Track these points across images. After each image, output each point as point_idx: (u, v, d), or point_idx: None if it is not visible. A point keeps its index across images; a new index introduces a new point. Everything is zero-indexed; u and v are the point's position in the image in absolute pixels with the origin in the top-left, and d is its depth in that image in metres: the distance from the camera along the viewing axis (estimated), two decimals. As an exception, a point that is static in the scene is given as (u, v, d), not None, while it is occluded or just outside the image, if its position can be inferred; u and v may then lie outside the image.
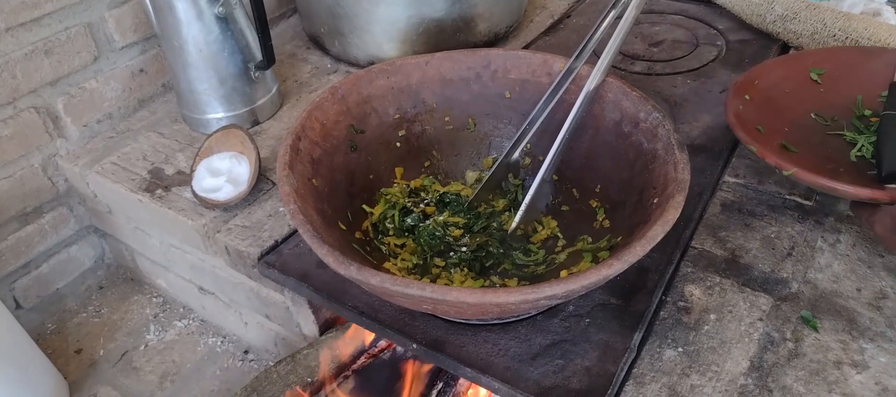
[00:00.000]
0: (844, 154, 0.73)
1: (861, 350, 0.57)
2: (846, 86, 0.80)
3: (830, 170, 0.69)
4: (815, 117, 0.78)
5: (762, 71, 0.79)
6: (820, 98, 0.79)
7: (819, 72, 0.80)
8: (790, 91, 0.79)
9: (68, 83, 0.92)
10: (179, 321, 1.01)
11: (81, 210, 1.01)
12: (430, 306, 0.53)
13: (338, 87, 0.73)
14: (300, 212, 0.57)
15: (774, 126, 0.74)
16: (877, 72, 0.79)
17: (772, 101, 0.77)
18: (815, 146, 0.73)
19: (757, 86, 0.77)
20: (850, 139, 0.74)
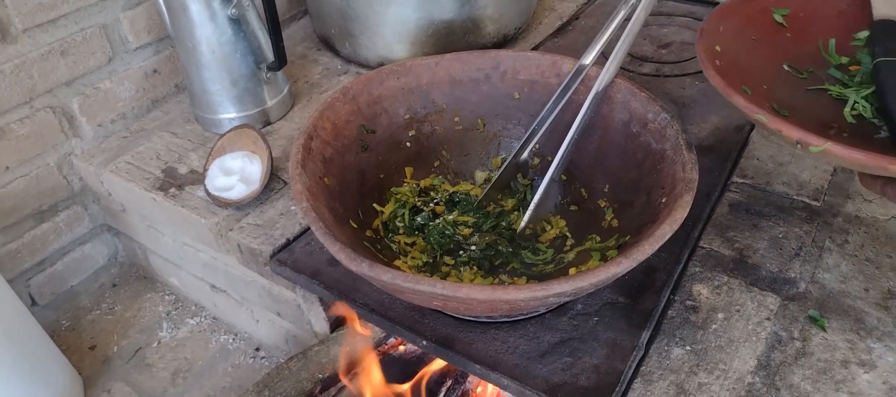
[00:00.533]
0: (837, 114, 0.65)
1: (869, 349, 0.58)
2: (815, 28, 0.72)
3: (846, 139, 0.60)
4: (789, 69, 0.69)
5: (724, 13, 0.70)
6: (789, 45, 0.71)
7: (783, 12, 0.71)
8: (756, 39, 0.70)
9: (83, 83, 0.93)
10: (191, 318, 1.02)
11: (95, 208, 1.02)
12: (440, 302, 0.54)
13: (349, 88, 0.74)
14: (313, 209, 0.58)
15: (753, 84, 0.65)
16: (845, 9, 0.72)
17: (741, 54, 0.69)
18: (802, 106, 0.66)
19: (723, 34, 0.68)
20: (836, 95, 0.67)
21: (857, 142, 0.56)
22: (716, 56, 0.64)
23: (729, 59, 0.65)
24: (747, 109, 0.55)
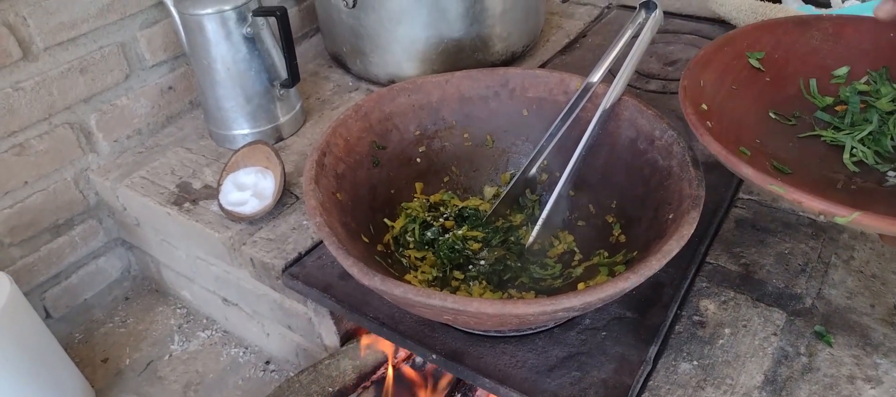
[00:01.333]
0: (837, 161, 0.63)
1: (875, 365, 0.58)
2: (792, 68, 0.70)
3: (858, 193, 0.58)
4: (776, 117, 0.67)
5: (701, 65, 0.67)
6: (770, 90, 0.69)
7: (758, 55, 0.69)
8: (737, 88, 0.68)
9: (101, 100, 0.95)
10: (203, 332, 1.03)
11: (110, 222, 1.04)
12: (450, 317, 0.55)
13: (361, 105, 0.75)
14: (326, 224, 0.60)
15: (746, 140, 0.63)
16: (818, 46, 0.70)
17: (727, 107, 0.66)
18: (799, 158, 0.63)
19: (704, 88, 0.65)
20: (831, 140, 0.65)
21: (869, 195, 0.56)
22: (705, 116, 0.62)
23: (717, 116, 0.63)
24: (760, 181, 0.51)
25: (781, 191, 0.49)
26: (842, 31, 0.70)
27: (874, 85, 0.67)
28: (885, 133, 0.63)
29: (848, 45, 0.69)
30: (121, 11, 0.93)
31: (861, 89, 0.68)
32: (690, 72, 0.65)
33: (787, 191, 0.49)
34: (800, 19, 0.71)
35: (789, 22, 0.71)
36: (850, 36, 0.69)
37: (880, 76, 0.67)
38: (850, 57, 0.69)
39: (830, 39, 0.70)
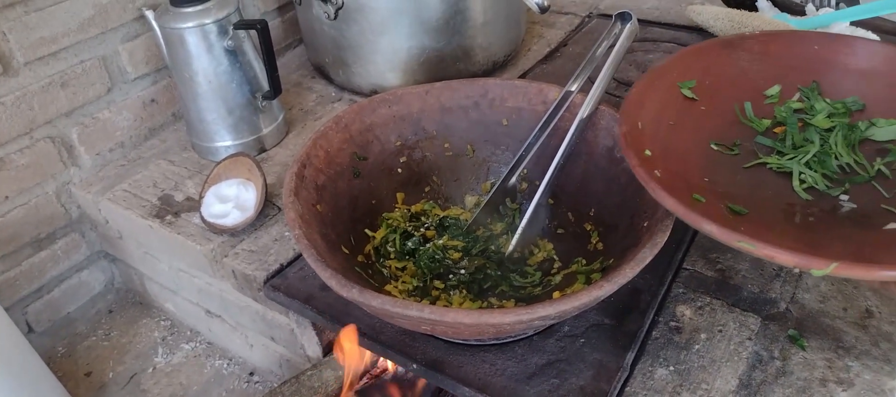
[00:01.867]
0: (788, 191, 0.60)
1: (847, 367, 0.59)
2: (725, 93, 0.68)
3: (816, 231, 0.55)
4: (718, 148, 0.64)
5: (635, 103, 0.63)
6: (708, 120, 0.66)
7: (689, 84, 0.66)
8: (675, 123, 0.64)
9: (82, 113, 0.95)
10: (187, 344, 1.03)
11: (93, 236, 1.03)
12: (429, 327, 0.56)
13: (341, 117, 0.76)
14: (305, 236, 0.60)
15: (694, 181, 0.59)
16: (746, 66, 0.68)
17: (670, 148, 0.61)
18: (750, 193, 0.60)
19: (644, 131, 0.61)
20: (777, 167, 0.62)
21: (831, 228, 0.54)
22: (650, 163, 0.57)
23: (662, 160, 0.59)
24: (727, 238, 0.48)
25: (752, 248, 0.47)
26: (767, 49, 0.68)
27: (808, 101, 0.66)
28: (829, 152, 0.62)
29: (775, 62, 0.68)
30: (102, 25, 0.93)
31: (796, 107, 0.66)
32: (626, 115, 0.62)
33: (758, 248, 0.47)
34: (725, 41, 0.69)
35: (715, 45, 0.69)
36: (776, 53, 0.68)
37: (812, 92, 0.67)
38: (779, 75, 0.68)
39: (757, 59, 0.68)
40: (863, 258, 0.45)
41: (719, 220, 0.49)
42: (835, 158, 0.62)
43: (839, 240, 0.53)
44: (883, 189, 0.58)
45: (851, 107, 0.64)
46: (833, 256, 0.45)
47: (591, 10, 1.25)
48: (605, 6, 1.26)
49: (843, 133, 0.63)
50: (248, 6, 1.13)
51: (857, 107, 0.64)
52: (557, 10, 1.27)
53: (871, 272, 0.43)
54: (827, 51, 0.67)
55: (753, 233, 0.49)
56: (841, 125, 0.63)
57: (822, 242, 0.51)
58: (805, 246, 0.48)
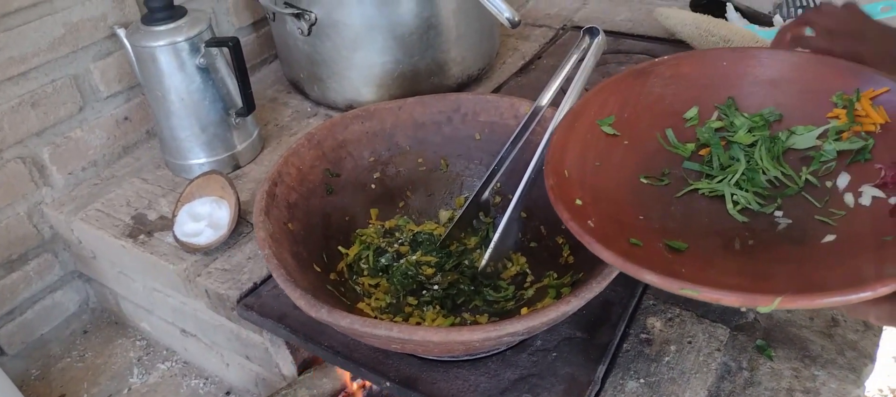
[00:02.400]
0: (723, 216, 0.59)
1: (813, 377, 0.60)
2: (645, 123, 0.66)
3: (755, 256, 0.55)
4: (647, 181, 0.63)
5: (560, 153, 0.61)
6: (633, 154, 0.64)
7: (608, 121, 0.65)
8: (601, 164, 0.62)
9: (54, 133, 0.94)
10: (162, 363, 1.02)
11: (66, 256, 1.02)
12: (398, 345, 0.56)
13: (314, 134, 0.76)
14: (274, 256, 0.60)
15: (630, 224, 0.58)
16: (662, 92, 0.67)
17: (600, 192, 0.59)
18: (687, 225, 0.59)
19: (571, 179, 0.59)
20: (709, 192, 0.61)
21: (770, 249, 0.54)
22: (582, 214, 0.55)
23: (594, 207, 0.57)
24: (669, 286, 0.46)
25: (695, 293, 0.45)
26: (679, 72, 0.67)
27: (727, 118, 0.65)
28: (756, 168, 0.62)
29: (689, 84, 0.67)
30: (73, 44, 0.92)
31: (717, 126, 0.65)
32: (551, 165, 0.60)
33: (701, 293, 0.45)
34: (637, 70, 0.68)
35: (627, 76, 0.67)
36: (687, 74, 0.67)
37: (729, 108, 0.65)
38: (695, 95, 0.67)
39: (671, 82, 0.67)
40: (805, 286, 0.45)
41: (659, 266, 0.48)
42: (762, 173, 0.62)
43: (780, 262, 0.52)
44: (813, 199, 0.58)
45: (769, 119, 0.64)
46: (777, 286, 0.46)
47: (565, 22, 1.26)
48: (579, 18, 1.27)
49: (766, 146, 0.62)
50: (223, 22, 1.13)
51: (774, 117, 0.64)
52: (532, 22, 1.28)
53: (814, 301, 0.43)
54: (736, 65, 0.66)
55: (695, 271, 0.49)
56: (762, 138, 0.63)
57: (764, 270, 0.51)
58: (748, 279, 0.48)
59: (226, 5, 1.12)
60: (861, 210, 0.55)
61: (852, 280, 0.44)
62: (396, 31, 0.96)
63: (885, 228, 0.49)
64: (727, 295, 0.44)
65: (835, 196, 0.58)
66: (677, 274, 0.48)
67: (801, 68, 0.64)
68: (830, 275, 0.47)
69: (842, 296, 0.42)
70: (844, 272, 0.47)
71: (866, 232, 0.52)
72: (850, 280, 0.44)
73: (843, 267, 0.48)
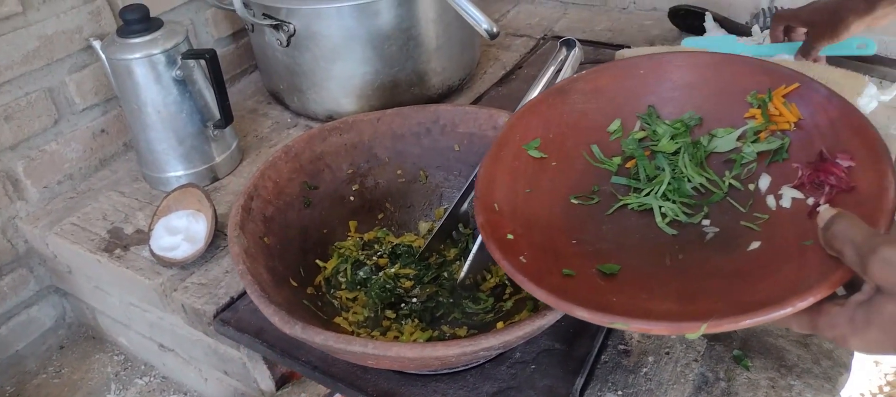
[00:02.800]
0: (654, 231, 0.59)
1: (789, 386, 0.60)
2: (571, 141, 0.65)
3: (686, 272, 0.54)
4: (578, 202, 0.62)
5: (488, 186, 0.60)
6: (561, 175, 0.63)
7: (534, 144, 0.64)
8: (531, 190, 0.61)
9: (28, 146, 0.93)
10: (140, 378, 1.01)
11: (42, 270, 1.01)
12: (373, 361, 0.55)
13: (291, 146, 0.76)
14: (249, 271, 0.59)
15: (563, 251, 0.57)
16: (585, 108, 0.66)
17: (532, 222, 0.59)
18: (619, 243, 0.59)
19: (502, 211, 0.58)
20: (638, 207, 0.61)
21: (699, 263, 0.54)
22: (514, 249, 0.54)
23: (526, 239, 0.56)
24: (600, 321, 0.47)
25: (625, 326, 0.46)
26: (598, 86, 0.66)
27: (650, 127, 0.64)
28: (681, 176, 0.61)
29: (609, 96, 0.66)
30: (47, 57, 0.91)
31: (640, 137, 0.64)
32: (480, 200, 0.59)
33: (631, 324, 0.46)
34: (557, 89, 0.67)
35: (548, 95, 0.66)
36: (606, 87, 0.66)
37: (650, 117, 0.64)
38: (617, 107, 0.66)
39: (591, 97, 0.66)
40: (730, 307, 0.45)
41: (591, 298, 0.49)
42: (688, 181, 0.61)
43: (709, 277, 0.52)
44: (738, 204, 0.58)
45: (690, 124, 0.63)
46: (704, 307, 0.46)
47: (546, 32, 1.27)
48: (559, 28, 1.28)
49: (689, 153, 0.62)
50: (202, 33, 1.13)
51: (694, 121, 0.63)
52: (513, 32, 1.28)
53: (739, 323, 0.44)
54: (653, 72, 0.65)
55: (627, 298, 0.49)
56: (685, 145, 0.62)
57: (693, 289, 0.51)
58: (677, 302, 0.49)
59: (204, 16, 1.12)
60: (782, 213, 0.55)
61: (773, 297, 0.44)
62: (375, 42, 0.96)
63: (805, 231, 0.49)
64: (656, 325, 0.45)
65: (758, 199, 0.58)
66: (609, 304, 0.49)
67: (714, 69, 0.63)
68: (755, 291, 0.48)
69: (764, 316, 0.43)
70: (767, 287, 0.48)
71: (788, 236, 0.52)
72: (772, 297, 0.44)
73: (767, 281, 0.49)
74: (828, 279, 0.44)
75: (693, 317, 0.44)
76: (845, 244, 0.43)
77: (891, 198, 0.47)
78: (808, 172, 0.55)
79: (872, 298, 0.42)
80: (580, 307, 0.47)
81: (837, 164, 0.53)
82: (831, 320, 0.44)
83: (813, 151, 0.55)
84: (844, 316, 0.43)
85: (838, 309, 0.44)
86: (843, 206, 0.49)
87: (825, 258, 0.46)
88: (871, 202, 0.48)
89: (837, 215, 0.45)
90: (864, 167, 0.51)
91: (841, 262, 0.44)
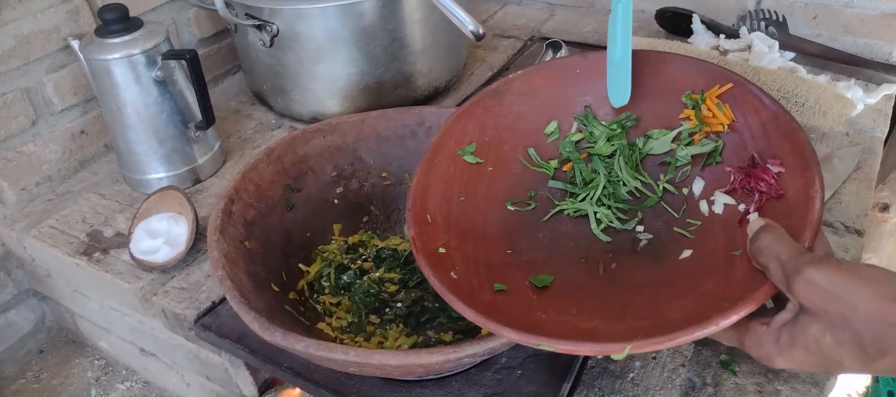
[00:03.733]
0: (589, 238, 0.58)
1: (776, 391, 0.60)
2: (508, 146, 0.63)
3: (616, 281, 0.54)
4: (514, 208, 0.61)
5: (422, 195, 0.59)
6: (497, 180, 0.62)
7: (470, 149, 0.62)
8: (467, 198, 0.60)
9: (5, 148, 0.91)
10: (122, 384, 0.99)
11: (20, 274, 0.99)
12: (356, 369, 0.54)
13: (273, 149, 0.74)
14: (228, 277, 0.58)
15: (498, 261, 0.56)
16: (521, 110, 0.64)
17: (467, 232, 0.57)
18: (553, 252, 0.58)
19: (435, 223, 0.57)
20: (574, 212, 0.60)
21: (630, 273, 0.53)
22: (445, 264, 0.53)
23: (460, 251, 0.54)
24: (527, 341, 0.46)
25: (551, 347, 0.45)
26: (533, 86, 0.64)
27: (586, 129, 0.62)
28: (616, 180, 0.60)
29: (545, 97, 0.64)
30: (24, 57, 0.89)
31: (576, 139, 0.63)
32: (412, 211, 0.56)
33: (557, 346, 0.45)
34: (492, 90, 0.64)
35: (483, 98, 0.64)
36: (541, 88, 0.64)
37: (587, 118, 0.63)
38: (553, 109, 0.64)
39: (527, 98, 0.63)
40: (655, 326, 0.44)
41: (521, 316, 0.47)
42: (623, 185, 0.60)
43: (639, 289, 0.51)
44: (672, 209, 0.57)
45: (626, 125, 0.61)
46: (630, 324, 0.46)
47: (533, 33, 1.26)
48: (546, 30, 1.27)
49: (625, 156, 0.60)
50: (184, 33, 1.11)
51: (631, 122, 0.61)
52: (500, 33, 1.27)
53: (663, 343, 0.43)
54: (588, 71, 0.63)
55: (555, 315, 0.48)
56: (621, 147, 0.61)
57: (622, 303, 0.50)
58: (604, 319, 0.48)
59: (187, 16, 1.10)
60: (714, 219, 0.54)
61: (698, 314, 0.44)
62: (360, 43, 0.95)
63: (735, 240, 0.49)
64: (582, 346, 0.44)
65: (691, 204, 0.57)
66: (537, 322, 0.48)
67: (651, 67, 0.61)
68: (681, 306, 0.47)
69: (687, 335, 0.43)
70: (693, 301, 0.47)
71: (719, 245, 0.51)
72: (697, 314, 0.44)
73: (694, 293, 0.48)
74: (752, 296, 0.43)
75: (619, 337, 0.44)
76: (770, 260, 0.43)
77: (816, 208, 0.47)
78: (740, 177, 0.54)
79: (797, 318, 0.42)
80: (509, 328, 0.46)
81: (768, 170, 0.52)
82: (757, 339, 0.44)
83: (746, 155, 0.54)
84: (770, 337, 0.43)
85: (764, 328, 0.44)
86: (772, 215, 0.49)
87: (752, 271, 0.45)
88: (798, 212, 0.48)
89: (764, 228, 0.45)
90: (792, 173, 0.50)
91: (766, 277, 0.44)
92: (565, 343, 0.45)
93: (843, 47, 1.04)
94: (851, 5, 1.04)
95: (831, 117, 0.87)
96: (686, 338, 0.43)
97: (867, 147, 0.86)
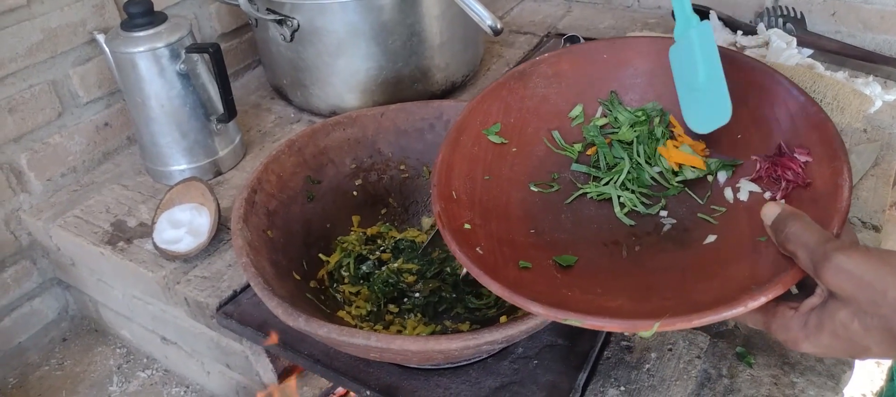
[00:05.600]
0: (612, 222, 0.58)
1: (792, 384, 0.60)
2: (532, 127, 0.63)
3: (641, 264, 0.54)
4: (538, 189, 0.61)
5: (447, 173, 0.59)
6: (521, 161, 0.62)
7: (495, 129, 0.62)
8: (491, 177, 0.60)
9: (32, 139, 0.93)
10: (143, 371, 1.01)
11: (45, 263, 1.01)
12: (377, 354, 0.55)
13: (294, 141, 0.76)
14: (252, 264, 0.59)
15: (520, 241, 0.56)
16: (547, 93, 0.64)
17: (490, 210, 0.57)
18: (576, 233, 0.58)
19: (460, 200, 0.57)
20: (597, 196, 0.60)
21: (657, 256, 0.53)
22: (471, 239, 0.53)
23: (484, 229, 0.55)
24: (554, 317, 0.46)
25: (578, 322, 0.45)
26: (560, 69, 0.64)
27: (611, 114, 0.63)
28: (640, 166, 0.60)
29: (571, 81, 0.64)
30: (51, 50, 0.91)
31: (601, 124, 0.63)
32: (438, 188, 0.57)
33: (585, 321, 0.45)
34: (518, 72, 0.64)
35: (508, 79, 0.64)
36: (568, 72, 0.64)
37: (612, 103, 0.63)
38: (578, 93, 0.64)
39: (553, 81, 0.64)
40: (683, 305, 0.45)
41: (547, 292, 0.47)
42: (652, 167, 0.60)
43: (664, 271, 0.52)
44: (696, 195, 0.57)
45: (651, 114, 0.61)
46: (658, 304, 0.46)
47: (550, 29, 1.27)
48: (563, 25, 1.28)
49: (645, 143, 0.61)
50: (206, 27, 1.13)
51: (656, 112, 0.62)
52: (516, 29, 1.28)
53: (691, 322, 0.43)
54: (614, 57, 0.63)
55: (581, 293, 0.48)
56: (643, 134, 0.61)
57: (648, 283, 0.50)
58: (631, 298, 0.48)
59: (208, 11, 1.12)
60: (740, 206, 0.54)
61: (726, 295, 0.44)
62: (379, 38, 0.96)
63: (760, 226, 0.49)
64: (610, 322, 0.45)
65: (716, 191, 0.57)
66: (564, 299, 0.48)
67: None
68: (708, 288, 0.47)
69: (715, 315, 0.43)
70: (720, 284, 0.47)
71: (744, 231, 0.52)
72: (725, 295, 0.44)
73: (720, 277, 0.48)
74: (781, 279, 0.44)
75: (646, 315, 0.44)
76: (799, 247, 0.43)
77: (844, 197, 0.47)
78: (766, 166, 0.54)
79: (825, 303, 0.42)
80: (535, 302, 0.46)
81: (795, 159, 0.52)
82: (784, 323, 0.44)
83: (772, 144, 0.55)
84: (797, 321, 0.43)
85: (791, 312, 0.44)
86: (798, 203, 0.49)
87: (779, 256, 0.46)
88: (825, 200, 0.48)
89: (791, 216, 0.45)
90: (820, 163, 0.51)
91: (794, 262, 0.44)
92: (593, 318, 0.45)
93: (862, 44, 1.04)
94: (870, 2, 1.04)
95: (849, 113, 0.87)
96: (715, 317, 0.43)
97: (885, 143, 0.86)
